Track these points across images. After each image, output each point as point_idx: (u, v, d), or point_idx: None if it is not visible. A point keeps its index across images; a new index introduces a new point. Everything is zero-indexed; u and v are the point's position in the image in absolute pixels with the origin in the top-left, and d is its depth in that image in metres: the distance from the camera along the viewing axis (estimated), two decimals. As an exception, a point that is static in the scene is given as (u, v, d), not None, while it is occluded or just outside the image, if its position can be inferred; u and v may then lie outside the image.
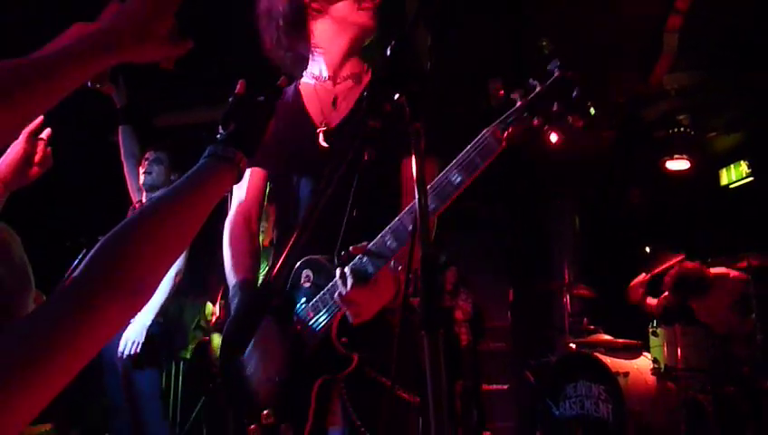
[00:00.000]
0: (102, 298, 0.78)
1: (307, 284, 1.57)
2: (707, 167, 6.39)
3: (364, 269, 1.45)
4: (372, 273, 1.45)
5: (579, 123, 1.29)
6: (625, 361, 4.35)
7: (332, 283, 1.49)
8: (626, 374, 4.13)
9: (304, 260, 1.59)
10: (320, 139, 1.68)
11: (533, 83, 1.33)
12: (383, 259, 1.44)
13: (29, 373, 0.71)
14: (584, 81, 1.30)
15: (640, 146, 6.39)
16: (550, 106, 1.30)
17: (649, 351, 4.36)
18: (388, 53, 1.06)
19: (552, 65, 1.32)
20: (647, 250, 5.65)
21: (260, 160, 1.74)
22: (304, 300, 1.57)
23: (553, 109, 1.30)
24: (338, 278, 1.46)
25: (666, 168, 6.22)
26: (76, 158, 3.72)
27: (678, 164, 6.21)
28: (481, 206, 6.63)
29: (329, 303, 1.50)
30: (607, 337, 4.82)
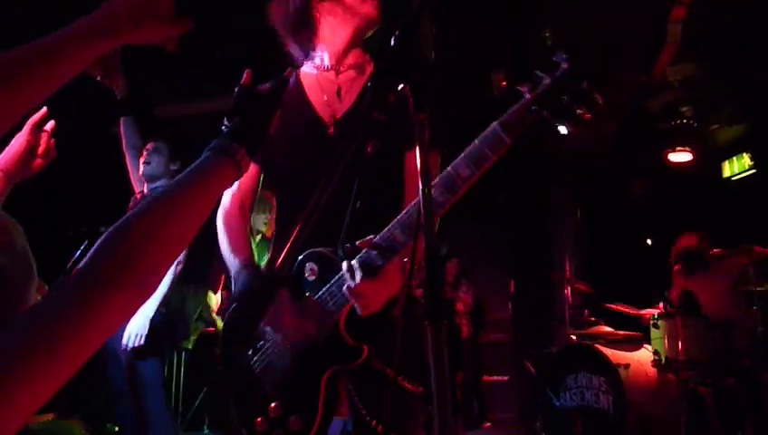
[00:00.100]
0: (106, 292, 0.78)
1: (312, 277, 1.57)
2: (710, 159, 6.37)
3: (373, 262, 1.45)
4: (381, 266, 1.45)
5: (587, 115, 1.29)
6: (626, 352, 4.35)
7: (339, 276, 1.49)
8: (626, 366, 4.14)
9: (308, 253, 1.58)
10: (328, 130, 1.67)
11: (541, 76, 1.32)
12: (392, 252, 1.44)
13: (32, 366, 0.71)
14: (590, 73, 1.29)
15: (643, 138, 6.36)
16: (559, 99, 1.29)
17: (650, 343, 4.36)
18: (392, 43, 1.05)
19: (558, 57, 1.31)
20: (648, 242, 5.64)
21: (259, 157, 1.73)
22: (310, 293, 1.57)
23: (562, 101, 1.29)
24: (345, 271, 1.46)
25: (668, 160, 6.22)
26: (78, 148, 3.71)
27: (681, 156, 6.20)
28: (482, 197, 6.62)
29: (336, 295, 1.50)
30: (608, 329, 4.82)
